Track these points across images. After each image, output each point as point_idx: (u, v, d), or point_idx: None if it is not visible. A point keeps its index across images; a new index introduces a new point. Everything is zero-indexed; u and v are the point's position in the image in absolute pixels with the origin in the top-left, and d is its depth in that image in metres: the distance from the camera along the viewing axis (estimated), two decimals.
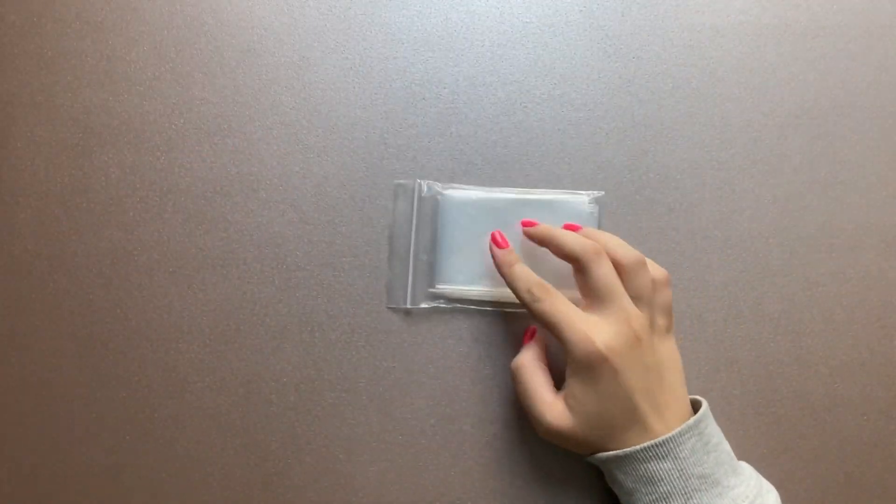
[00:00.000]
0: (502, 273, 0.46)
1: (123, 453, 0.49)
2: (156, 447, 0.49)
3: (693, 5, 0.54)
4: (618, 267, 0.43)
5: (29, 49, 0.52)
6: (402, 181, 0.51)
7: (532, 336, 0.47)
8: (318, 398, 0.49)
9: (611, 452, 0.42)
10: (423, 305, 0.50)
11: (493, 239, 0.46)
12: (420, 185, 0.50)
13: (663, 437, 0.41)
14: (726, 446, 0.43)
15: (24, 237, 0.51)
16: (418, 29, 0.53)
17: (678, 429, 0.41)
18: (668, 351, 0.44)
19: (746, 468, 0.43)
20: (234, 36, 0.53)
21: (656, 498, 0.41)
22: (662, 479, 0.41)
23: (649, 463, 0.41)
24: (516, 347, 0.49)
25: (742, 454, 0.47)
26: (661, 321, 0.44)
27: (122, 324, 0.50)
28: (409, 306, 0.50)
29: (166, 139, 0.51)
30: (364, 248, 0.50)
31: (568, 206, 0.49)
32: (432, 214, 0.50)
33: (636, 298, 0.43)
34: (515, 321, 0.50)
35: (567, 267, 0.45)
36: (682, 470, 0.41)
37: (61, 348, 0.50)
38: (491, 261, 0.47)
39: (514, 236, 0.48)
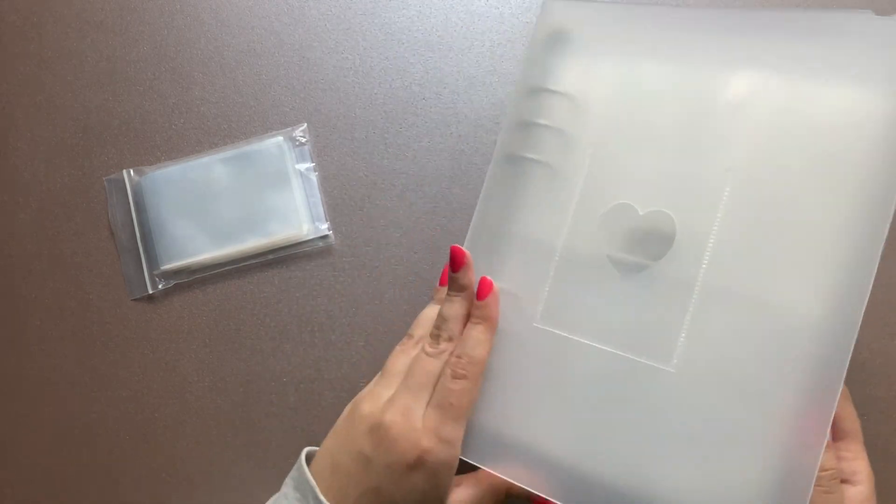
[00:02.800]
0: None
1: (123, 453, 0.49)
2: (156, 447, 0.49)
3: (693, 5, 0.54)
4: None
5: (29, 49, 0.52)
6: (111, 176, 0.51)
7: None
8: (318, 398, 0.49)
9: None
10: (161, 287, 0.50)
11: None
12: (128, 173, 0.51)
13: None
14: None
15: (24, 237, 0.51)
16: (418, 29, 0.53)
17: None
18: None
19: None
20: (234, 36, 0.53)
21: None
22: None
23: None
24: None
25: None
26: None
27: (122, 324, 0.50)
28: (150, 292, 0.50)
29: (166, 139, 0.51)
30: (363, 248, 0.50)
31: (263, 153, 0.50)
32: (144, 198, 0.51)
33: None
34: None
35: None
36: None
37: (61, 348, 0.50)
38: (211, 224, 0.48)
39: (218, 192, 0.50)
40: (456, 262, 0.41)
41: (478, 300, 0.40)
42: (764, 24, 0.39)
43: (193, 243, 0.49)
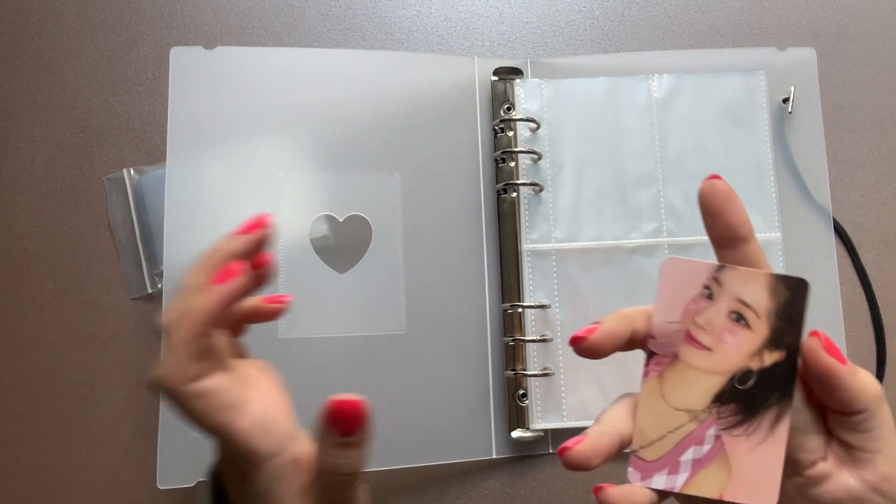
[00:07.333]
0: None
1: (124, 453, 0.49)
2: (156, 447, 0.49)
3: (693, 5, 0.54)
4: None
5: (29, 49, 0.52)
6: (111, 176, 0.51)
7: None
8: None
9: None
10: (161, 286, 0.49)
11: None
12: (128, 173, 0.50)
13: None
14: None
15: (24, 237, 0.51)
16: (418, 29, 0.53)
17: None
18: None
19: None
20: (233, 36, 0.53)
21: None
22: None
23: None
24: None
25: None
26: None
27: (123, 324, 0.50)
28: (150, 291, 0.50)
29: (166, 139, 0.51)
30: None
31: None
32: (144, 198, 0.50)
33: None
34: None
35: None
36: None
37: (61, 348, 0.50)
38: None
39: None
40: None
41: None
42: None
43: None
